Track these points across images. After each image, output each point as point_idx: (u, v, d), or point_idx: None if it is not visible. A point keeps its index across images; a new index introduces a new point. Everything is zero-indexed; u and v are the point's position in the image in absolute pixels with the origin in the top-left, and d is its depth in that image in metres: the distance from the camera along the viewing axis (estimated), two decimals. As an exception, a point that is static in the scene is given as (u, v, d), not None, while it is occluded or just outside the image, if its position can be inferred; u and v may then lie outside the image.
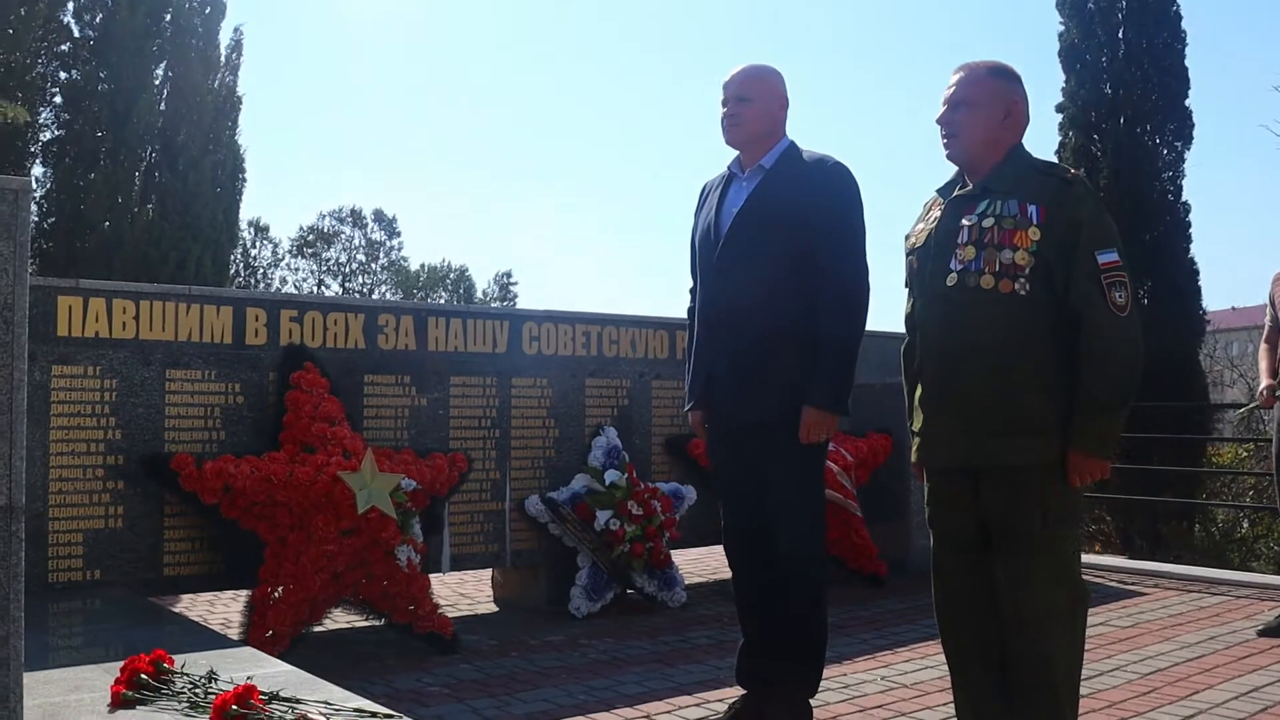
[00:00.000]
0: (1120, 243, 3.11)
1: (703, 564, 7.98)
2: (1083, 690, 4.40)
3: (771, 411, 3.76)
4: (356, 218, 51.23)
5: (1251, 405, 6.18)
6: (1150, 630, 5.74)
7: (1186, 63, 10.33)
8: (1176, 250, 10.01)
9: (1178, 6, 10.41)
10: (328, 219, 50.83)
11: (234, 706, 2.49)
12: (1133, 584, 7.21)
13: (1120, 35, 10.41)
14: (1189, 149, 10.27)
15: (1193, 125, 10.26)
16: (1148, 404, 8.92)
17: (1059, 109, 10.71)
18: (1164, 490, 9.40)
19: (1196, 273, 10.04)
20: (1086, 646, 3.27)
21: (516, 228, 75.73)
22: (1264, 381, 5.84)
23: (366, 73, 75.84)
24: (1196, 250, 10.03)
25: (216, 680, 2.98)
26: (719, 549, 7.95)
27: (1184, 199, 10.20)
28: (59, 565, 4.80)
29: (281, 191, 69.68)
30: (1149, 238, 9.90)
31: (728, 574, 7.18)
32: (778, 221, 3.77)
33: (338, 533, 4.84)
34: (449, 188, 73.96)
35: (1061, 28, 10.72)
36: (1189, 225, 10.16)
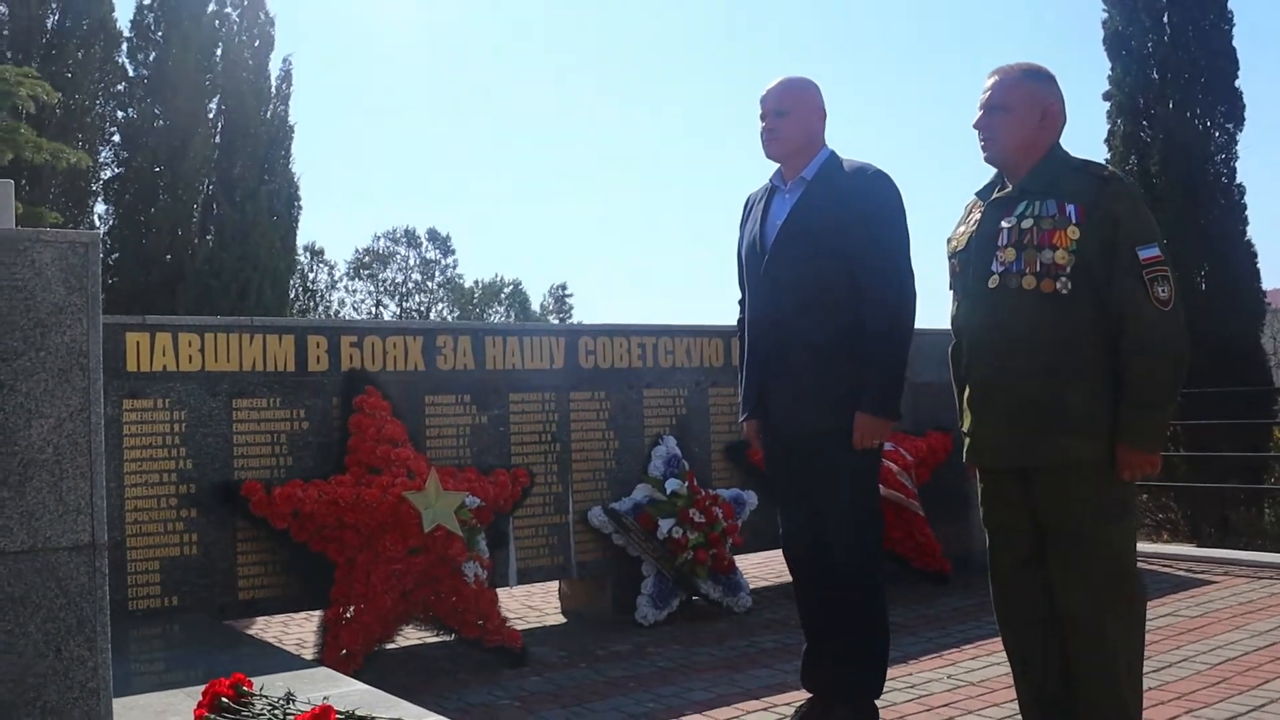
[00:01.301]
0: (1160, 237, 3.12)
1: (767, 568, 8.00)
2: (1151, 682, 4.41)
3: (825, 420, 3.84)
4: (411, 237, 51.79)
5: None
6: (1220, 619, 5.69)
7: (1234, 43, 10.20)
8: (1233, 233, 9.88)
9: (1224, -13, 10.29)
10: (382, 240, 51.47)
11: (311, 727, 2.57)
12: (1202, 572, 7.15)
13: (1165, 20, 10.30)
14: (1241, 130, 10.15)
15: (1244, 106, 10.13)
16: (1211, 390, 8.84)
17: (1106, 97, 10.62)
18: (1231, 477, 9.29)
19: (1255, 255, 9.91)
20: (1154, 638, 3.28)
21: (569, 239, 76.08)
22: None
23: (411, 92, 76.61)
24: (1254, 232, 9.90)
25: (294, 701, 3.07)
26: (782, 552, 8.00)
27: (1238, 181, 10.07)
28: (138, 593, 4.95)
29: (335, 215, 70.57)
30: (1204, 222, 9.79)
31: (791, 578, 7.29)
32: (821, 232, 3.83)
33: (405, 552, 4.95)
34: (500, 202, 74.48)
35: (1105, 15, 10.64)
36: (1244, 208, 10.03)
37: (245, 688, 3.13)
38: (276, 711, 3.00)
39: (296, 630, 6.33)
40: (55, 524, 2.03)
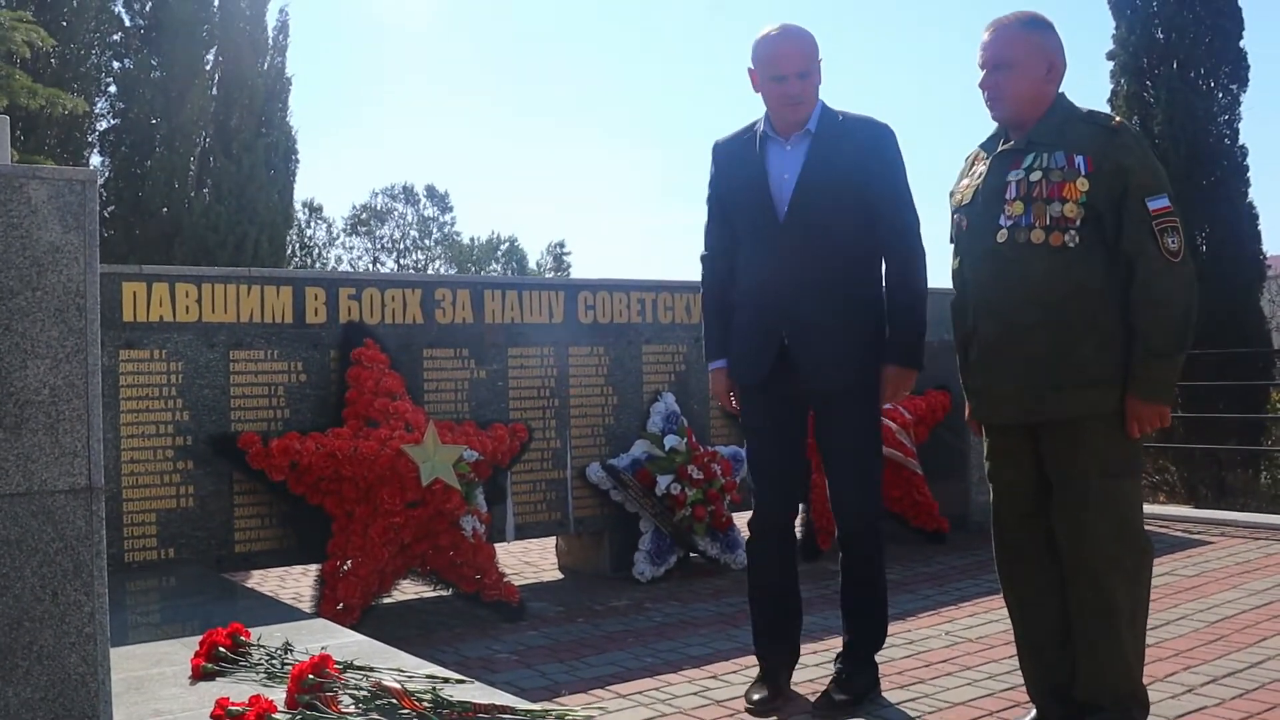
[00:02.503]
0: (1169, 187, 3.08)
1: (764, 526, 8.00)
2: (1149, 640, 4.39)
3: (854, 375, 3.80)
4: (409, 194, 51.57)
5: None
6: (1216, 579, 5.70)
7: (1239, 3, 10.10)
8: (1234, 195, 9.82)
9: (1230, -54, 10.17)
10: (380, 196, 51.24)
11: (310, 676, 2.56)
12: (1198, 533, 7.16)
13: (1170, -22, 10.19)
14: (1245, 91, 10.05)
15: (1248, 67, 10.02)
16: (1210, 351, 8.82)
17: (1110, 56, 10.52)
18: (1228, 439, 9.29)
19: (1256, 217, 9.85)
20: (1152, 597, 3.27)
21: (568, 197, 75.70)
22: None
23: (410, 47, 76.01)
24: (1255, 194, 9.84)
25: (292, 651, 3.07)
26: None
27: (1241, 143, 10.00)
28: (134, 545, 4.93)
29: (333, 171, 70.18)
30: (1206, 183, 9.73)
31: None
32: (843, 185, 3.73)
33: (403, 505, 4.93)
34: (499, 159, 74.11)
35: (1114, 30, 10.50)
36: (1246, 169, 9.95)
37: (243, 638, 3.13)
38: (274, 661, 2.99)
39: (293, 584, 6.33)
40: (51, 467, 2.00)
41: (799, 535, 6.91)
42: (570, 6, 76.97)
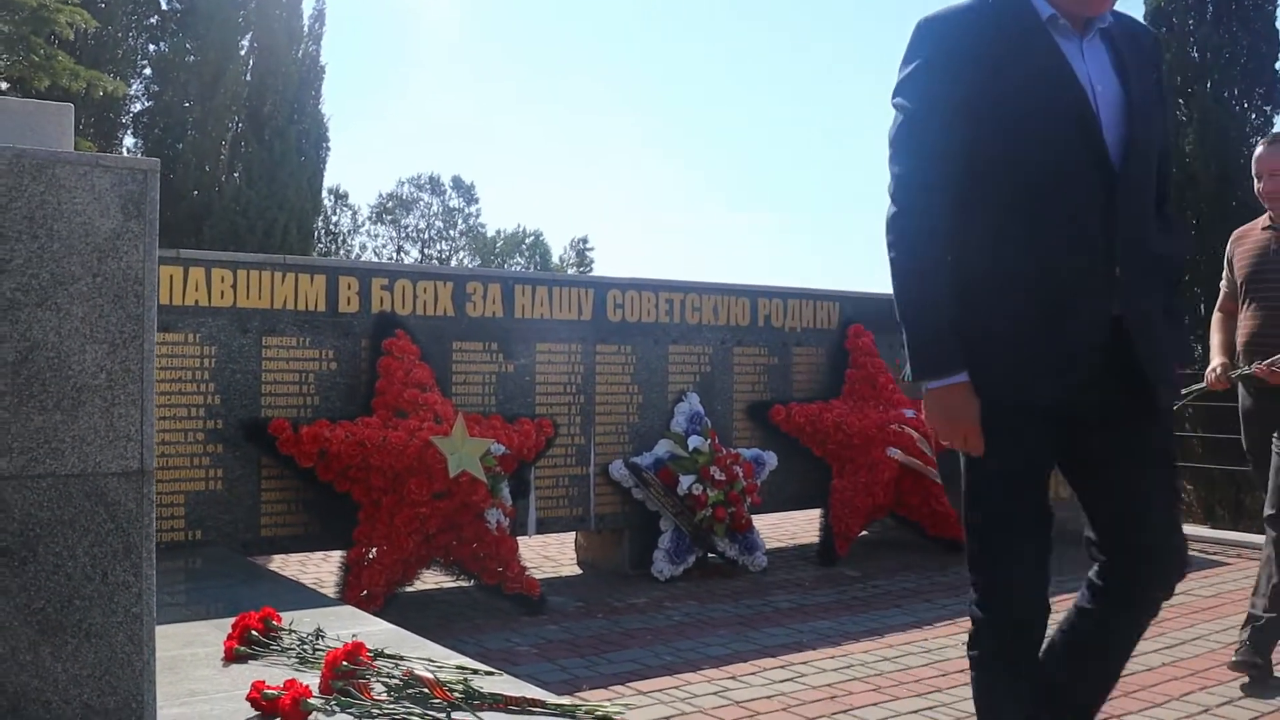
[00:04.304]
0: None
1: (781, 529, 8.04)
2: (1165, 658, 4.45)
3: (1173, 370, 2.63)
4: (435, 185, 51.71)
5: (1197, 388, 4.69)
6: (1232, 600, 5.70)
7: (1277, 25, 10.09)
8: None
9: (1266, -33, 10.18)
10: (407, 186, 51.40)
11: (344, 662, 2.60)
12: (1215, 554, 7.15)
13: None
14: (1278, 113, 10.05)
15: (1282, 89, 10.05)
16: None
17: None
18: (1246, 460, 9.25)
19: (1288, 238, 9.82)
20: (1168, 615, 3.29)
21: (593, 193, 75.76)
22: (1215, 359, 4.55)
23: (442, 39, 76.15)
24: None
25: (324, 637, 3.11)
26: (798, 514, 8.04)
27: (1273, 165, 9.97)
28: (162, 526, 4.99)
29: (360, 159, 70.41)
30: (1235, 203, 9.71)
31: (808, 539, 7.33)
32: (1153, 119, 2.54)
33: (430, 495, 4.97)
34: (526, 153, 74.22)
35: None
36: (1279, 192, 9.93)
37: (275, 622, 3.17)
38: (305, 647, 3.03)
39: (314, 569, 6.38)
40: (106, 449, 2.04)
41: (818, 539, 6.96)
42: (606, 11, 77.00)
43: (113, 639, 2.05)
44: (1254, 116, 10.00)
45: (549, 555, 7.12)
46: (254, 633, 3.07)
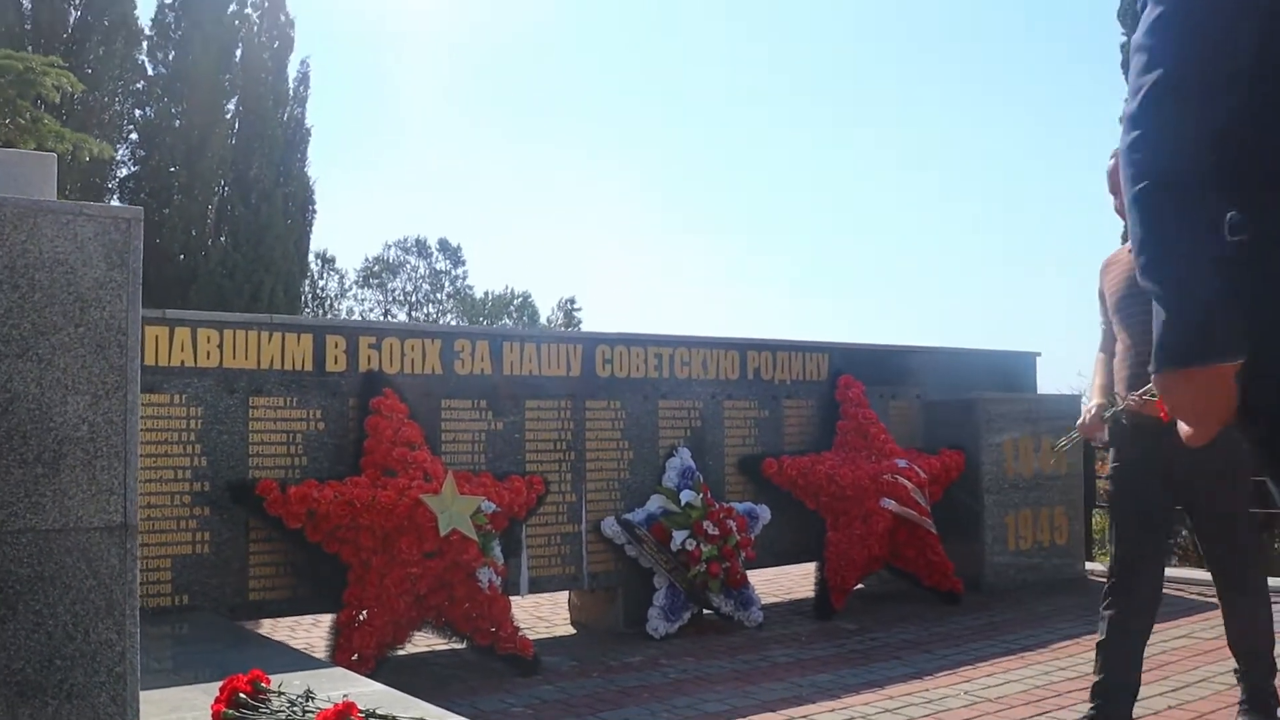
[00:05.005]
0: None
1: (776, 584, 7.95)
2: (1170, 700, 4.39)
3: None
4: (421, 247, 51.78)
5: (1072, 437, 4.23)
6: (1239, 645, 5.63)
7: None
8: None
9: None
10: (393, 249, 51.45)
11: (335, 723, 2.53)
12: (1213, 597, 7.04)
13: (1184, 44, 10.33)
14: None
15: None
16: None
17: (1124, 66, 10.66)
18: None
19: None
20: (1171, 658, 3.25)
21: (580, 253, 75.99)
22: (1093, 400, 4.08)
23: (427, 100, 76.72)
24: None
25: (314, 699, 3.02)
26: (793, 569, 7.96)
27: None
28: (148, 590, 4.90)
29: (346, 222, 70.58)
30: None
31: (803, 593, 7.24)
32: None
33: (420, 555, 4.90)
34: (512, 214, 74.55)
35: (1124, 38, 10.67)
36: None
37: (263, 684, 3.08)
38: (295, 709, 2.95)
39: (304, 634, 6.28)
40: (88, 504, 1.99)
41: (814, 593, 6.88)
42: (587, 73, 77.76)
43: (95, 700, 1.98)
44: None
45: (542, 616, 7.02)
46: (242, 695, 2.98)
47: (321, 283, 45.30)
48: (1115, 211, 3.91)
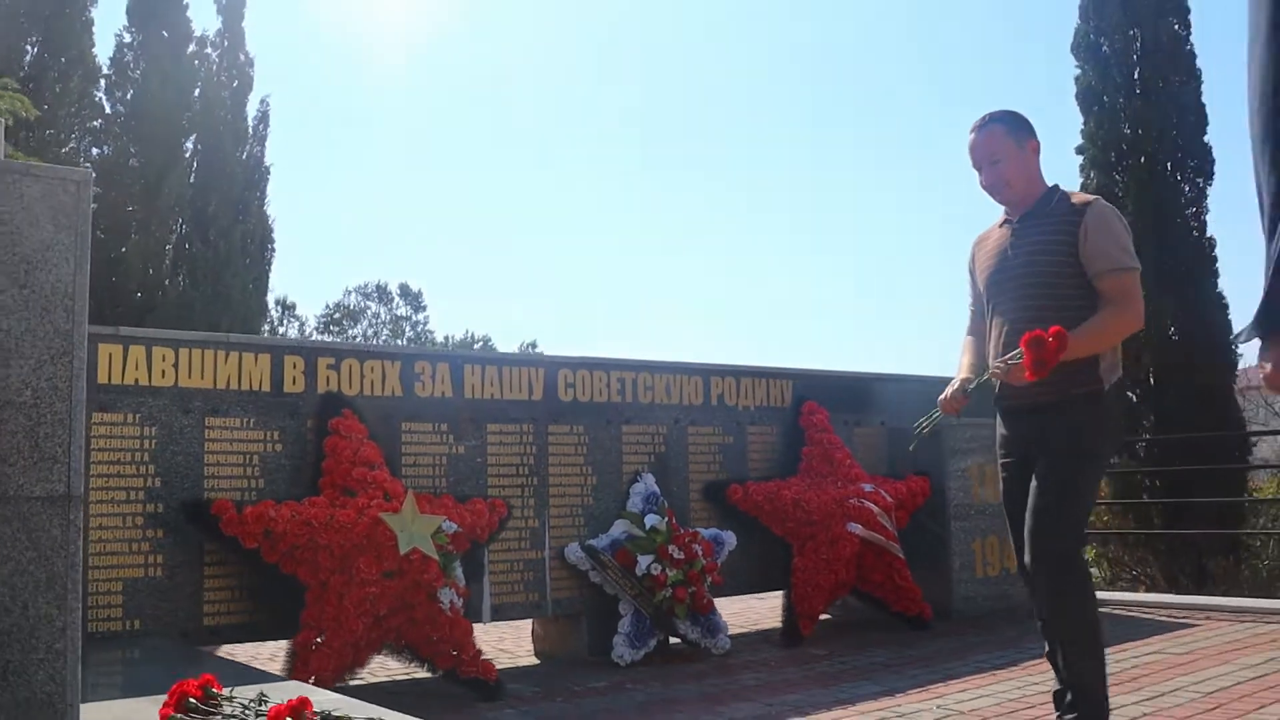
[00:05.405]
0: None
1: (744, 617, 7.86)
2: (1147, 709, 4.33)
3: None
4: (382, 293, 51.62)
5: (933, 416, 3.96)
6: (1207, 655, 5.60)
7: (1204, 99, 10.41)
8: (1204, 285, 10.01)
9: (1192, 46, 10.54)
10: (354, 294, 51.25)
11: (289, 718, 2.43)
12: (1183, 618, 7.06)
13: (1136, 76, 10.51)
14: (1210, 184, 10.31)
15: (1213, 161, 10.31)
16: (1187, 435, 8.87)
17: (1079, 151, 10.78)
18: (1203, 523, 9.25)
19: (1226, 306, 10.02)
20: (1144, 672, 3.23)
21: (540, 298, 75.88)
22: (958, 377, 3.93)
23: (387, 144, 76.72)
24: (1229, 283, 10.07)
25: (267, 702, 2.92)
26: (759, 604, 7.89)
27: (1209, 234, 10.22)
28: (98, 615, 4.76)
29: (307, 267, 70.18)
30: (1176, 273, 9.88)
31: (771, 624, 7.16)
32: None
33: (380, 574, 4.79)
34: (472, 259, 74.43)
35: (1078, 71, 10.82)
36: (1215, 260, 10.17)
37: (215, 690, 2.98)
38: (248, 712, 2.85)
39: (264, 665, 6.11)
40: (29, 471, 1.91)
41: (781, 620, 6.79)
42: (549, 112, 78.12)
43: (32, 678, 1.89)
44: (1187, 189, 10.24)
45: (505, 647, 6.90)
46: (192, 699, 2.87)
47: (282, 330, 45.02)
48: (981, 187, 3.87)
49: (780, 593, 6.95)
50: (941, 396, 3.89)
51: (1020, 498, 3.70)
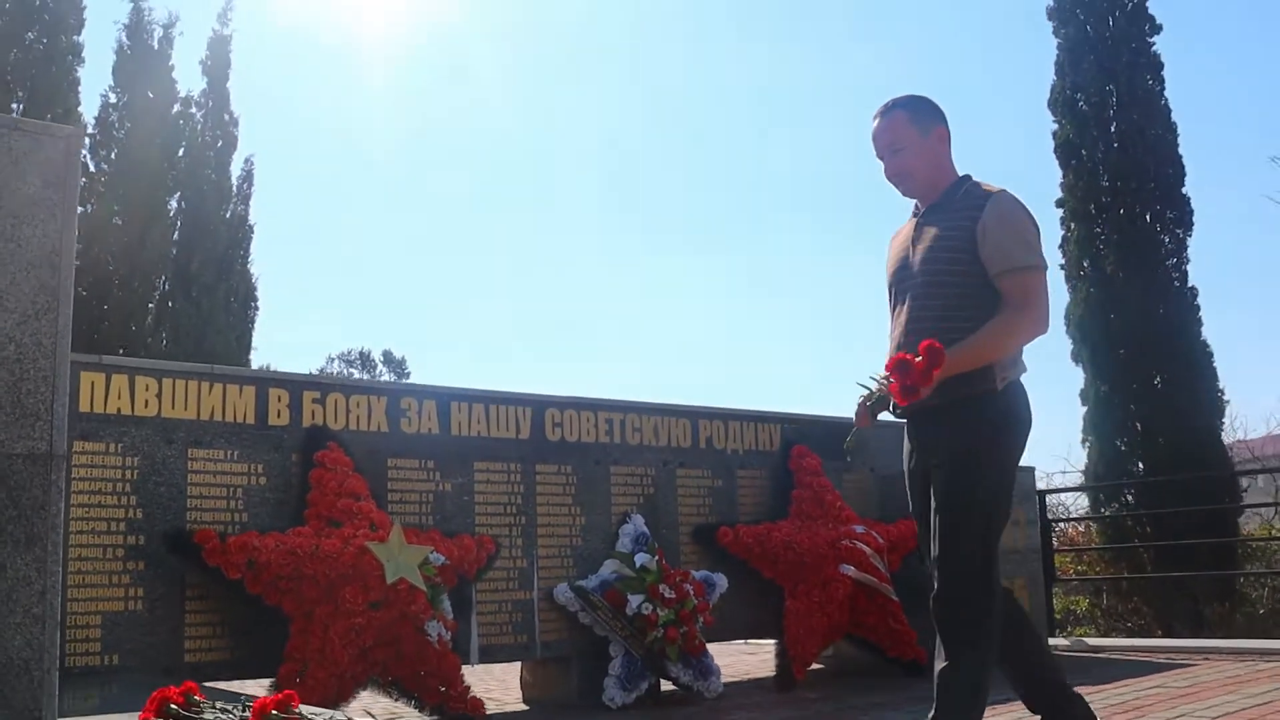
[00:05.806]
0: None
1: (736, 667, 7.72)
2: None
3: None
4: (365, 360, 51.45)
5: (853, 432, 3.72)
6: (1209, 688, 5.52)
7: (1180, 150, 10.56)
8: (1189, 333, 10.04)
9: (1167, 100, 10.70)
10: (337, 362, 51.08)
11: (274, 711, 2.35)
12: (1182, 659, 6.96)
13: (1113, 130, 10.64)
14: (1190, 235, 10.40)
15: (1192, 211, 10.44)
16: (1176, 478, 8.85)
17: (1059, 204, 10.88)
18: (1192, 565, 9.18)
19: (1210, 354, 10.06)
20: (1147, 701, 3.10)
21: (529, 362, 75.87)
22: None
23: (373, 207, 77.07)
24: (1213, 330, 10.14)
25: (249, 708, 2.83)
26: (750, 656, 7.76)
27: (1190, 284, 10.28)
28: (76, 649, 4.63)
29: (291, 337, 70.01)
30: (1160, 323, 9.93)
31: (763, 673, 7.03)
32: None
33: (366, 604, 4.69)
34: (459, 323, 74.54)
35: (1055, 126, 10.96)
36: (1198, 309, 10.22)
37: (196, 697, 2.88)
38: (230, 715, 2.75)
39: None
40: (10, 427, 1.85)
41: (775, 666, 6.67)
42: (528, 172, 78.72)
43: (9, 643, 1.81)
44: (1167, 240, 10.33)
45: (492, 695, 6.75)
46: (173, 706, 2.78)
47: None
48: (885, 177, 3.60)
49: (772, 643, 6.84)
50: (856, 412, 3.49)
51: (925, 503, 3.45)
